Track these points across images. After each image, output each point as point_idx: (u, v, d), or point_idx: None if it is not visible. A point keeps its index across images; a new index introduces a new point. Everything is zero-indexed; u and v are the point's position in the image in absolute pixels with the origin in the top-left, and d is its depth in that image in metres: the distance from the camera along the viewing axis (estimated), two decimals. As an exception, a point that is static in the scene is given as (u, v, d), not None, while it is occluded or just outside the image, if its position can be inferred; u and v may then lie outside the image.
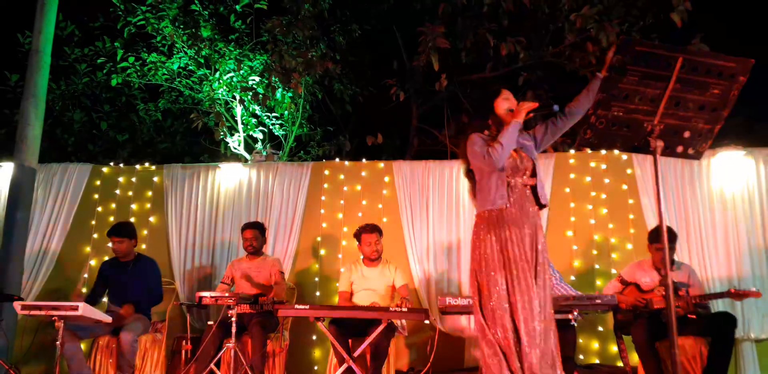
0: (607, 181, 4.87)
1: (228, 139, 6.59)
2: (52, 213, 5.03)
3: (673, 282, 3.73)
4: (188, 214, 5.05)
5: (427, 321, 4.29)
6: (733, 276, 4.41)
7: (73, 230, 5.03)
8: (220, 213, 5.05)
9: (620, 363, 4.19)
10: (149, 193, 5.20)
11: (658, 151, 2.19)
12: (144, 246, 4.99)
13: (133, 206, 5.17)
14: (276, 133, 6.83)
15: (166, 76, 6.77)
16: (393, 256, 4.50)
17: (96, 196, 5.19)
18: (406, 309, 3.55)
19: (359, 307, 3.75)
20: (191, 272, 4.92)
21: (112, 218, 5.07)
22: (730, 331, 3.60)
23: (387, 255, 4.36)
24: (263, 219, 4.89)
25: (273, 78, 6.26)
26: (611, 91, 2.13)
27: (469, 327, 4.48)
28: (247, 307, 4.13)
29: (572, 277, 4.68)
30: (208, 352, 3.78)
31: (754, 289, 3.62)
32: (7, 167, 4.89)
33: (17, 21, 7.15)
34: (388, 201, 5.00)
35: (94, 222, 5.12)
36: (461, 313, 3.70)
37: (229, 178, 5.16)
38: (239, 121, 6.64)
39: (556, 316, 3.49)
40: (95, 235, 5.06)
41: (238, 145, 6.65)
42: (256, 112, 6.67)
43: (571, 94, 2.84)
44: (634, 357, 3.81)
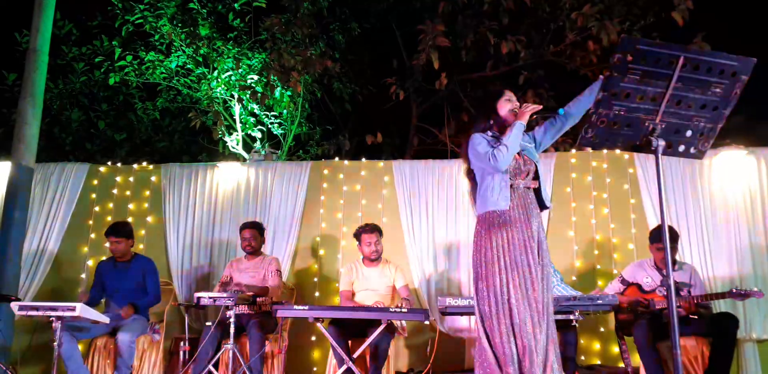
0: (608, 180, 4.84)
1: (226, 138, 6.57)
2: (49, 213, 5.00)
3: (675, 282, 3.71)
4: (186, 214, 5.03)
5: (427, 322, 4.27)
6: (735, 276, 4.39)
7: (70, 230, 5.01)
8: (219, 212, 5.03)
9: (622, 364, 4.16)
10: (147, 193, 5.17)
11: (660, 150, 2.17)
12: (141, 246, 4.97)
13: (131, 206, 5.15)
14: (275, 132, 6.80)
15: (164, 75, 6.75)
16: (393, 256, 4.48)
17: (93, 196, 5.16)
18: (405, 310, 3.53)
19: (359, 308, 3.72)
20: (189, 272, 4.90)
21: (109, 218, 5.05)
22: (732, 331, 3.58)
23: (387, 255, 4.33)
24: (262, 218, 4.86)
25: (272, 76, 6.23)
26: (612, 90, 2.11)
27: (470, 328, 4.46)
28: (245, 308, 4.12)
29: (573, 277, 4.65)
30: (206, 353, 3.76)
31: (756, 289, 3.61)
32: (5, 166, 4.86)
33: (15, 20, 7.13)
34: (388, 200, 4.97)
35: (91, 221, 5.09)
36: (461, 314, 3.69)
37: (227, 177, 5.13)
38: (238, 120, 6.61)
39: (557, 317, 3.51)
40: (93, 235, 5.04)
41: (237, 144, 6.62)
42: (255, 110, 6.65)
43: (572, 93, 2.83)
44: (636, 358, 3.79)
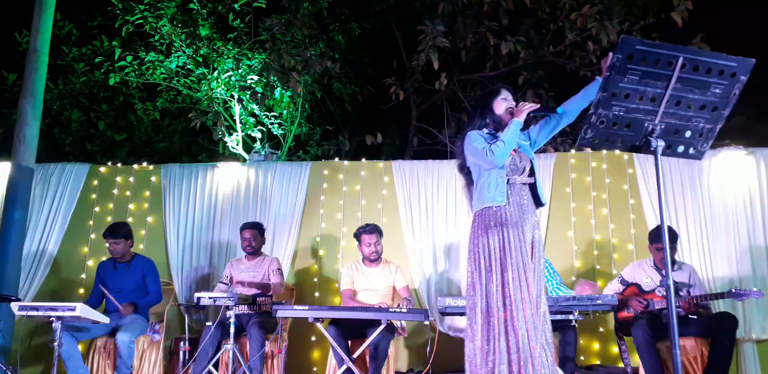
0: (608, 180, 4.85)
1: (226, 139, 6.57)
2: (49, 214, 5.01)
3: (674, 282, 3.71)
4: (186, 214, 5.03)
5: (426, 322, 4.28)
6: (735, 276, 4.39)
7: (70, 230, 5.01)
8: (219, 213, 5.03)
9: (621, 364, 4.17)
10: (147, 193, 5.18)
11: (659, 150, 2.18)
12: (141, 246, 4.97)
13: (131, 206, 5.15)
14: (275, 133, 6.80)
15: (164, 75, 6.75)
16: (393, 257, 4.48)
17: (93, 196, 5.17)
18: (405, 310, 3.53)
19: (358, 308, 3.72)
20: (189, 272, 4.90)
21: (109, 218, 5.05)
22: (732, 332, 3.58)
23: (387, 256, 4.33)
24: (262, 219, 4.86)
25: (272, 77, 6.23)
26: (612, 91, 2.11)
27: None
28: (245, 308, 4.12)
29: (573, 278, 4.66)
30: (206, 353, 3.77)
31: (755, 289, 3.62)
32: (5, 167, 4.86)
33: (15, 20, 7.13)
34: (388, 201, 4.97)
35: (91, 222, 5.10)
36: (461, 314, 3.69)
37: (227, 177, 5.13)
38: (238, 121, 6.61)
39: (556, 317, 3.52)
40: (93, 235, 5.04)
41: (237, 144, 6.62)
42: (255, 111, 6.65)
43: (572, 93, 2.84)
44: (635, 358, 3.79)
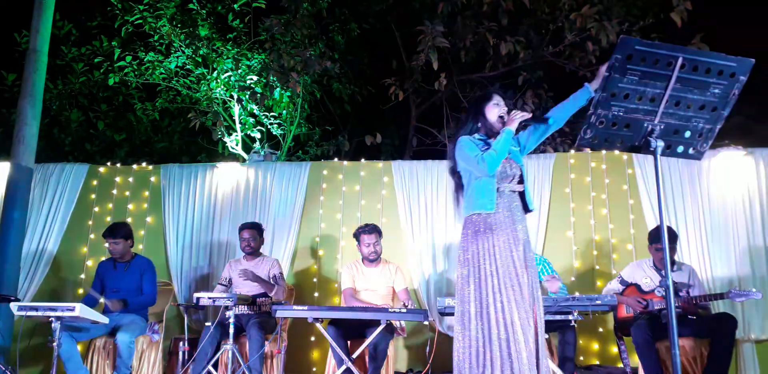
0: (607, 181, 4.85)
1: (226, 139, 6.57)
2: (48, 214, 5.00)
3: (674, 282, 3.71)
4: (186, 214, 5.03)
5: (426, 322, 4.28)
6: (734, 277, 4.39)
7: (69, 230, 5.01)
8: (218, 213, 5.03)
9: (620, 364, 4.17)
10: (146, 193, 5.17)
11: (659, 151, 2.18)
12: (141, 246, 4.97)
13: (130, 206, 5.15)
14: (274, 133, 6.80)
15: (163, 76, 6.74)
16: (392, 257, 4.48)
17: (93, 196, 5.16)
18: (405, 310, 3.53)
19: (358, 308, 3.72)
20: (189, 272, 4.90)
21: (108, 218, 5.05)
22: (731, 332, 3.58)
23: (386, 256, 4.33)
24: (261, 219, 4.86)
25: (271, 77, 6.23)
26: (611, 91, 2.12)
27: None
28: (244, 308, 4.12)
29: (572, 278, 4.66)
30: (206, 353, 3.76)
31: (755, 290, 3.62)
32: (4, 167, 4.86)
33: (14, 20, 7.13)
34: (387, 201, 4.97)
35: (91, 222, 5.09)
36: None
37: (226, 177, 5.13)
38: (237, 121, 6.61)
39: (556, 317, 3.52)
40: (92, 236, 5.04)
41: (236, 144, 6.62)
42: (254, 111, 6.64)
43: (572, 93, 2.84)
44: (635, 358, 3.79)
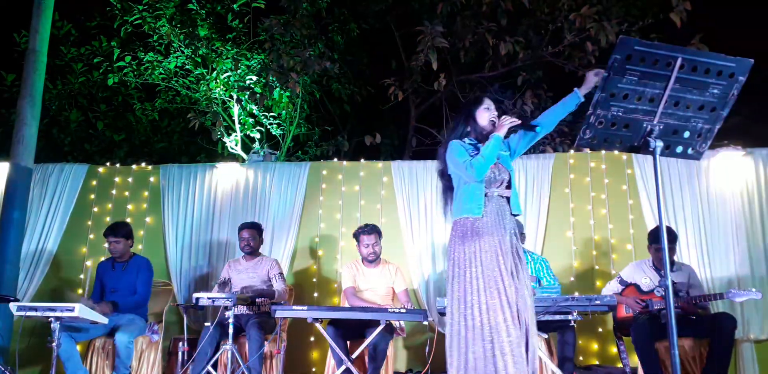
0: (606, 181, 4.85)
1: (225, 139, 6.57)
2: (48, 214, 5.00)
3: (673, 282, 3.72)
4: (185, 214, 5.03)
5: (425, 322, 4.27)
6: (733, 277, 4.40)
7: (69, 230, 5.01)
8: (217, 213, 5.03)
9: (620, 365, 4.17)
10: (146, 193, 5.17)
11: (658, 151, 2.18)
12: (140, 246, 4.97)
13: (130, 206, 5.14)
14: (273, 133, 6.79)
15: (162, 76, 6.74)
16: (391, 257, 4.48)
17: (92, 196, 5.16)
18: (404, 310, 3.53)
19: (357, 308, 3.72)
20: (188, 272, 4.90)
21: (108, 218, 5.05)
22: (730, 332, 3.58)
23: (385, 256, 4.33)
24: (260, 219, 4.86)
25: (270, 77, 6.23)
26: (611, 91, 2.12)
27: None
28: (244, 308, 4.12)
29: (572, 278, 4.66)
30: (205, 353, 3.76)
31: (754, 290, 3.62)
32: (3, 167, 4.86)
33: (13, 20, 7.13)
34: (387, 201, 4.97)
35: (90, 222, 5.09)
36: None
37: (226, 178, 5.13)
38: (236, 121, 6.61)
39: (555, 317, 3.52)
40: (91, 236, 5.04)
41: (236, 144, 6.62)
42: (254, 111, 6.64)
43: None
44: (634, 358, 3.79)
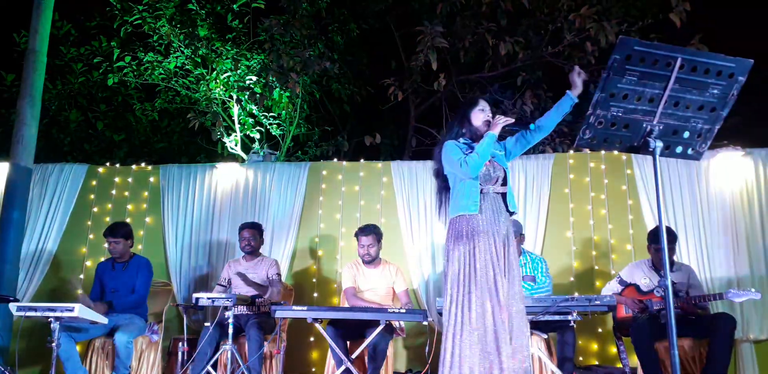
0: (606, 181, 4.85)
1: (225, 139, 6.57)
2: (47, 214, 5.00)
3: (673, 282, 3.72)
4: (185, 215, 5.03)
5: (425, 322, 4.27)
6: (733, 277, 4.40)
7: (68, 230, 5.01)
8: (217, 213, 5.03)
9: (620, 365, 4.17)
10: (145, 194, 5.17)
11: (658, 151, 2.18)
12: (140, 246, 4.97)
13: (129, 206, 5.14)
14: (273, 133, 6.79)
15: (162, 76, 6.74)
16: (391, 257, 4.48)
17: (92, 196, 5.16)
18: (404, 310, 3.53)
19: (357, 308, 3.72)
20: (188, 273, 4.90)
21: (108, 218, 5.05)
22: (730, 332, 3.58)
23: (385, 256, 4.33)
24: (260, 219, 4.86)
25: (270, 77, 6.23)
26: (610, 91, 2.12)
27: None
28: (244, 308, 4.12)
29: (571, 278, 4.66)
30: (205, 353, 3.76)
31: (753, 290, 3.62)
32: (3, 167, 4.86)
33: (13, 20, 7.13)
34: (387, 201, 4.97)
35: (90, 222, 5.09)
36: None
37: (226, 178, 5.13)
38: (236, 121, 6.61)
39: (555, 317, 3.52)
40: (91, 236, 5.03)
41: (235, 144, 6.62)
42: (254, 111, 6.64)
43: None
44: (634, 359, 3.79)
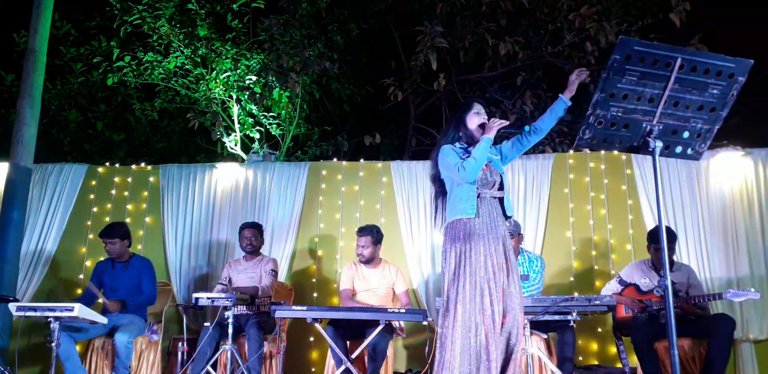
0: (606, 181, 4.85)
1: (225, 139, 6.57)
2: (47, 214, 5.00)
3: (672, 282, 3.72)
4: (184, 215, 5.03)
5: (425, 322, 4.27)
6: (732, 277, 4.40)
7: (68, 230, 5.01)
8: (217, 213, 5.03)
9: (619, 365, 4.17)
10: (145, 193, 5.17)
11: (657, 151, 2.18)
12: (140, 246, 4.97)
13: (129, 206, 5.14)
14: (273, 133, 6.79)
15: (162, 76, 6.73)
16: (391, 257, 4.48)
17: (92, 196, 5.16)
18: (404, 310, 3.53)
19: (357, 308, 3.72)
20: (188, 273, 4.90)
21: (107, 218, 5.04)
22: (729, 334, 3.58)
23: (385, 256, 4.33)
24: (260, 219, 4.85)
25: (270, 77, 6.23)
26: (610, 91, 2.12)
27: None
28: (243, 308, 4.12)
29: (571, 278, 4.66)
30: (205, 353, 3.76)
31: (753, 290, 3.62)
32: (3, 167, 4.86)
33: (13, 20, 7.12)
34: (386, 201, 4.97)
35: (89, 222, 5.09)
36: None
37: (225, 178, 5.13)
38: (236, 121, 6.61)
39: (555, 317, 3.52)
40: (91, 236, 5.03)
41: (235, 144, 6.62)
42: (253, 111, 6.64)
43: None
44: (634, 358, 3.80)
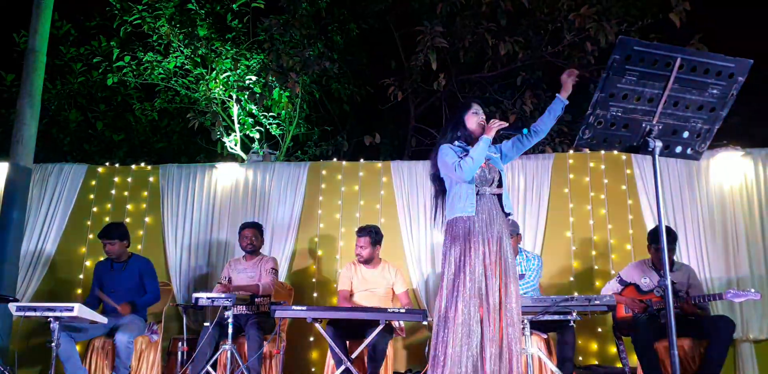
0: (606, 181, 4.85)
1: (224, 139, 6.57)
2: (47, 214, 5.00)
3: (672, 282, 3.72)
4: (184, 214, 5.03)
5: (425, 322, 4.27)
6: (732, 277, 4.40)
7: (68, 231, 5.01)
8: (217, 213, 5.03)
9: (619, 365, 4.17)
10: (145, 193, 5.17)
11: (657, 151, 2.18)
12: (140, 246, 4.97)
13: (129, 206, 5.14)
14: (273, 133, 6.80)
15: (162, 76, 6.74)
16: (391, 257, 4.48)
17: (91, 196, 5.16)
18: (403, 310, 3.53)
19: (357, 308, 3.72)
20: (187, 273, 4.90)
21: (107, 218, 5.04)
22: (728, 335, 3.59)
23: (385, 256, 4.33)
24: (260, 219, 4.85)
25: (270, 77, 6.23)
26: (610, 91, 2.12)
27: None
28: (243, 308, 4.12)
29: (571, 278, 4.66)
30: (205, 353, 3.77)
31: (753, 290, 3.62)
32: (2, 167, 4.86)
33: (13, 20, 7.12)
34: (386, 201, 4.97)
35: (89, 222, 5.09)
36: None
37: (225, 177, 5.13)
38: (236, 121, 6.61)
39: (555, 317, 3.52)
40: (90, 236, 5.03)
41: (235, 144, 6.62)
42: (253, 111, 6.64)
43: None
44: (634, 358, 3.80)
